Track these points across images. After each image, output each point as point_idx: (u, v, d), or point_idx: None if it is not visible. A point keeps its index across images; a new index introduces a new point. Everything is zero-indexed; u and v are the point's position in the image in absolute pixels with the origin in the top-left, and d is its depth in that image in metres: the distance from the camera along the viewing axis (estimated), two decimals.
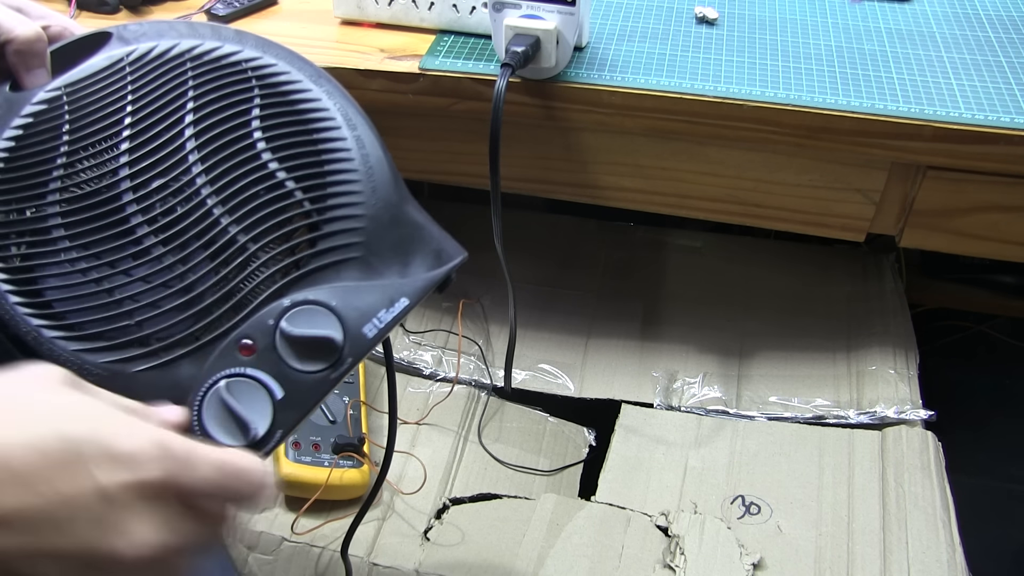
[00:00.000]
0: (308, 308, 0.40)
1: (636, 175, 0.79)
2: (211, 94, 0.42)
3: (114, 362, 0.38)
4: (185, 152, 0.41)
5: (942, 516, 0.73)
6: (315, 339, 0.39)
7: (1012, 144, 0.67)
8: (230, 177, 0.41)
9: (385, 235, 0.42)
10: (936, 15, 0.80)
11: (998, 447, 1.22)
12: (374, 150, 0.43)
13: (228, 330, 0.39)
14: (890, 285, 0.98)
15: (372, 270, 0.42)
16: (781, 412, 0.85)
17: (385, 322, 0.41)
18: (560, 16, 0.68)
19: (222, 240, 0.40)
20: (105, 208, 0.40)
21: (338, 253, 0.41)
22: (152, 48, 0.43)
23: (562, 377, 0.90)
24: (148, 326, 0.39)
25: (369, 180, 0.42)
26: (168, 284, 0.39)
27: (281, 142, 0.42)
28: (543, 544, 0.73)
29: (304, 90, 0.43)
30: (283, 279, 0.40)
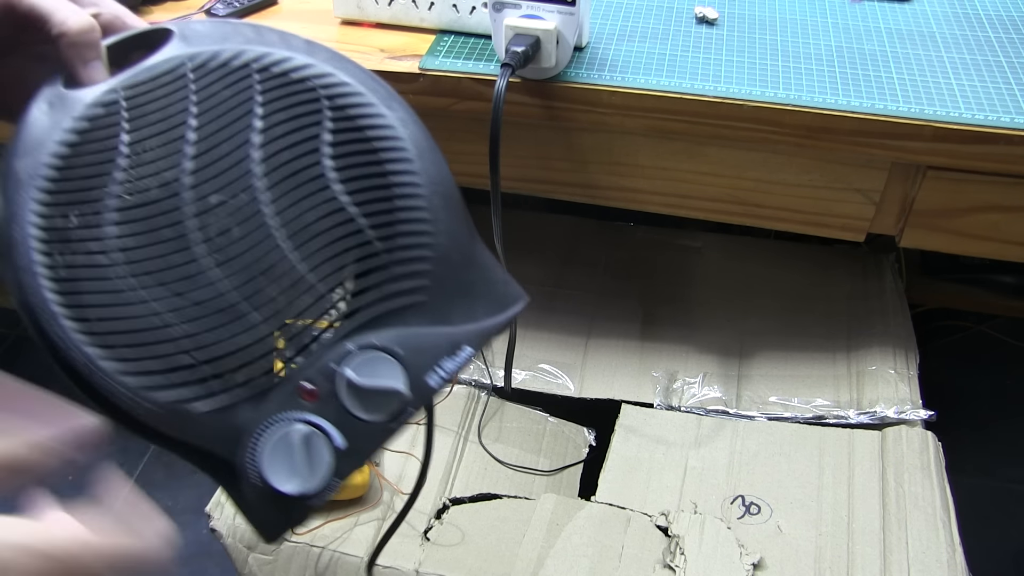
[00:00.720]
0: (373, 355, 0.38)
1: (636, 175, 0.79)
2: (279, 114, 0.39)
3: (175, 402, 0.36)
4: (252, 176, 0.38)
5: (942, 516, 0.73)
6: (381, 391, 0.38)
7: (1012, 144, 0.67)
8: (298, 207, 0.38)
9: (452, 278, 0.40)
10: (936, 15, 0.80)
11: (998, 447, 1.22)
12: (447, 187, 0.40)
13: (291, 374, 0.38)
14: (890, 285, 0.98)
15: (437, 314, 0.40)
16: (781, 412, 0.85)
17: (448, 371, 0.40)
18: (560, 16, 0.68)
19: (289, 279, 0.37)
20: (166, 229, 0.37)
21: (406, 297, 0.39)
22: (217, 54, 0.39)
23: (562, 377, 0.90)
24: (207, 366, 0.36)
25: (440, 220, 0.40)
26: (232, 323, 0.37)
27: (351, 173, 0.39)
28: (543, 544, 0.73)
29: (376, 115, 0.40)
30: (349, 323, 0.38)
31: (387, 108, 0.40)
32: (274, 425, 0.37)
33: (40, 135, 0.37)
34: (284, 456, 0.37)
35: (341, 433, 0.38)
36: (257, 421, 0.37)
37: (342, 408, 0.38)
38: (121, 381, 0.36)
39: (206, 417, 0.36)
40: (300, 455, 0.37)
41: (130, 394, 0.36)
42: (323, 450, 0.37)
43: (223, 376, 0.37)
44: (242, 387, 0.37)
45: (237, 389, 0.37)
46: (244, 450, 0.37)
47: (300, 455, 0.37)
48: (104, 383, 0.36)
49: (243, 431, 0.37)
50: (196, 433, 0.37)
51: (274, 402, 0.37)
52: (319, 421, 0.37)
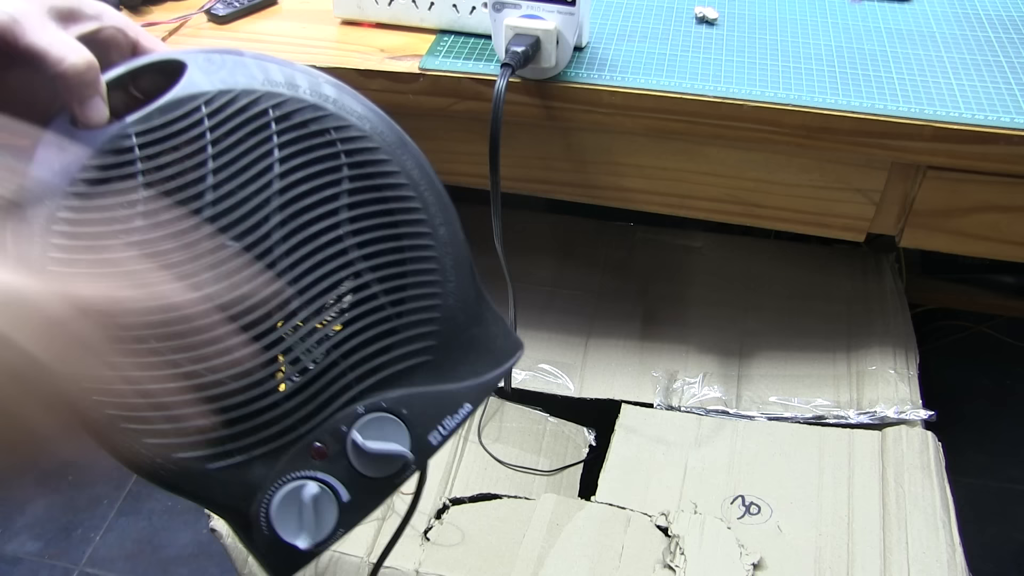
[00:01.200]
0: (380, 416, 0.40)
1: (636, 175, 0.79)
2: (299, 170, 0.38)
3: (189, 459, 0.37)
4: (271, 239, 0.37)
5: (942, 516, 0.73)
6: (387, 454, 0.40)
7: (1012, 144, 0.67)
8: (315, 275, 0.38)
9: (457, 337, 0.41)
10: (936, 15, 0.80)
11: (998, 447, 1.22)
12: (459, 247, 0.41)
13: (303, 434, 0.39)
14: (890, 285, 0.98)
15: (441, 373, 0.41)
16: (781, 412, 0.85)
17: (449, 429, 0.42)
18: (560, 16, 0.68)
19: (304, 345, 0.38)
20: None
21: (412, 358, 0.40)
22: (232, 97, 0.38)
23: (562, 377, 0.90)
24: (221, 428, 0.37)
25: (449, 281, 0.41)
26: (246, 388, 0.37)
27: (367, 236, 0.39)
28: (543, 544, 0.73)
29: (392, 172, 0.40)
30: (358, 386, 0.40)
31: (398, 162, 0.40)
32: (285, 481, 0.39)
33: (52, 181, 0.36)
34: (293, 511, 0.39)
35: (347, 489, 0.40)
36: (269, 477, 0.39)
37: (349, 466, 0.40)
38: (141, 443, 0.36)
39: (221, 474, 0.38)
40: (308, 510, 0.39)
41: (149, 454, 0.37)
42: (329, 504, 0.39)
43: (237, 436, 0.38)
44: (255, 446, 0.38)
45: (251, 448, 0.38)
46: (256, 503, 0.39)
47: (308, 510, 0.39)
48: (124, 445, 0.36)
49: (256, 486, 0.38)
50: (211, 488, 0.38)
51: (286, 460, 0.39)
52: (327, 478, 0.39)
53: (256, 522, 0.39)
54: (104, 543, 1.19)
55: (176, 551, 1.18)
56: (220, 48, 0.39)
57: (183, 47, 0.76)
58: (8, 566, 1.17)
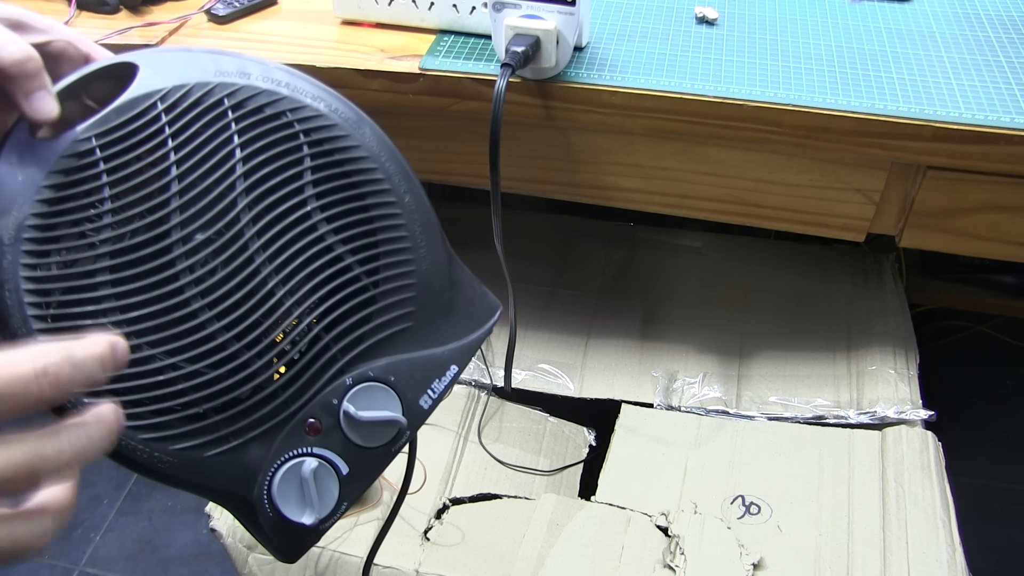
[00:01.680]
0: (370, 385, 0.41)
1: (636, 175, 0.79)
2: (260, 154, 0.39)
3: (185, 449, 0.38)
4: (241, 225, 0.38)
5: (942, 516, 0.73)
6: (379, 421, 0.40)
7: (1012, 144, 0.67)
8: (289, 253, 0.39)
9: (435, 301, 0.42)
10: (936, 15, 0.80)
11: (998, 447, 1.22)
12: (425, 213, 0.42)
13: (295, 412, 0.39)
14: (890, 285, 0.98)
15: (423, 338, 0.42)
16: (781, 412, 0.85)
17: (439, 392, 0.42)
18: (560, 16, 0.68)
19: (286, 323, 0.39)
20: (162, 290, 0.37)
21: (393, 325, 0.41)
22: (187, 91, 0.38)
23: (562, 377, 0.90)
24: (215, 413, 0.38)
25: (420, 247, 0.42)
26: (234, 371, 0.38)
27: (335, 210, 0.40)
28: (543, 544, 0.73)
29: (353, 146, 0.41)
30: (343, 357, 0.40)
31: (359, 136, 0.41)
32: (283, 461, 0.39)
33: (15, 192, 0.36)
34: (295, 489, 0.39)
35: (345, 462, 0.40)
36: (267, 458, 0.39)
37: (345, 439, 0.40)
38: (135, 438, 0.37)
39: (218, 460, 0.38)
40: (309, 486, 0.39)
41: (145, 448, 0.37)
42: (330, 479, 0.40)
43: (230, 420, 0.38)
44: (250, 428, 0.38)
45: (245, 431, 0.38)
46: (257, 486, 0.39)
47: (309, 486, 0.39)
48: (120, 443, 0.37)
49: (255, 469, 0.39)
50: (210, 475, 0.38)
51: (281, 439, 0.39)
52: (325, 453, 0.40)
53: (260, 505, 0.39)
54: (104, 543, 1.19)
55: (176, 551, 1.18)
56: (169, 47, 0.40)
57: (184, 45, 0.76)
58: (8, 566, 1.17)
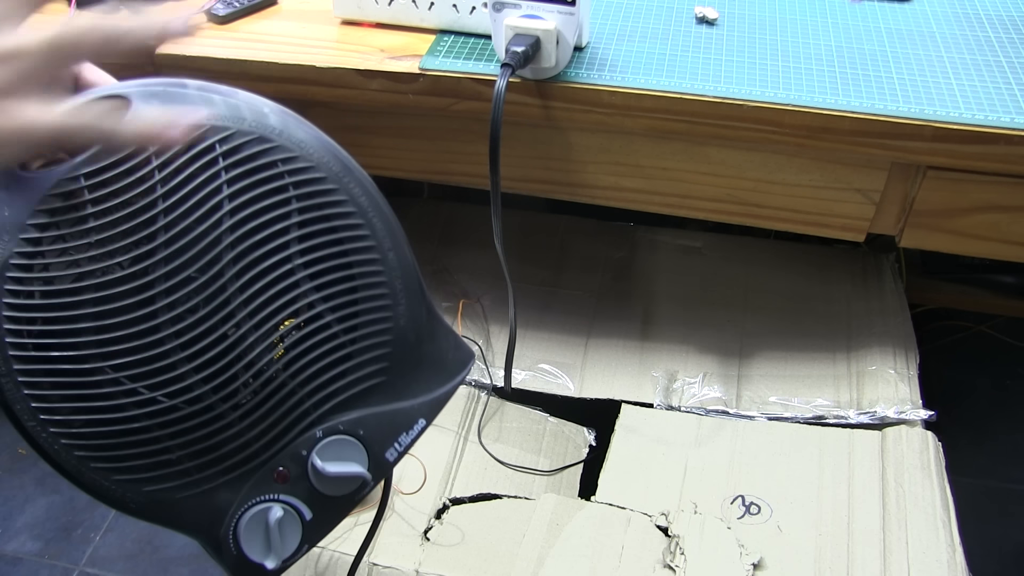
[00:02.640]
0: (338, 439, 0.42)
1: (636, 175, 0.79)
2: (249, 205, 0.38)
3: (157, 491, 0.39)
4: (224, 278, 0.38)
5: (942, 516, 0.73)
6: (345, 476, 0.42)
7: (1012, 144, 0.67)
8: (270, 308, 0.39)
9: (409, 357, 0.43)
10: (936, 15, 0.80)
11: (998, 447, 1.22)
12: (407, 269, 0.42)
13: (265, 460, 0.40)
14: (890, 285, 0.98)
15: (395, 391, 0.43)
16: (781, 412, 0.85)
17: (405, 445, 0.43)
18: (560, 16, 0.68)
19: (262, 377, 0.39)
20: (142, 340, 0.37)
21: (367, 380, 0.42)
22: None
23: (562, 377, 0.90)
24: (187, 460, 0.39)
25: (399, 304, 0.42)
26: (208, 422, 0.39)
27: (319, 267, 0.40)
28: (543, 544, 0.73)
29: (340, 200, 0.40)
30: (316, 411, 0.41)
31: (349, 191, 0.41)
32: (250, 506, 0.40)
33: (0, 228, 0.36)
34: (260, 532, 0.41)
35: (309, 508, 0.42)
36: (235, 502, 0.40)
37: (311, 487, 0.41)
38: (109, 479, 0.38)
39: (188, 502, 0.39)
40: (274, 531, 0.41)
41: (118, 489, 0.38)
42: (294, 523, 0.41)
43: (202, 467, 0.39)
44: (221, 475, 0.40)
45: (216, 477, 0.40)
46: (224, 527, 0.40)
47: (274, 531, 0.41)
48: (92, 481, 0.38)
49: (223, 511, 0.40)
50: (180, 516, 0.40)
51: (250, 485, 0.40)
52: (290, 500, 0.41)
53: (225, 544, 0.41)
54: (104, 543, 1.19)
55: (176, 551, 1.18)
56: (162, 80, 0.39)
57: (184, 46, 0.76)
58: (8, 566, 1.17)
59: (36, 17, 0.37)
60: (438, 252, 1.03)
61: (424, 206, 1.09)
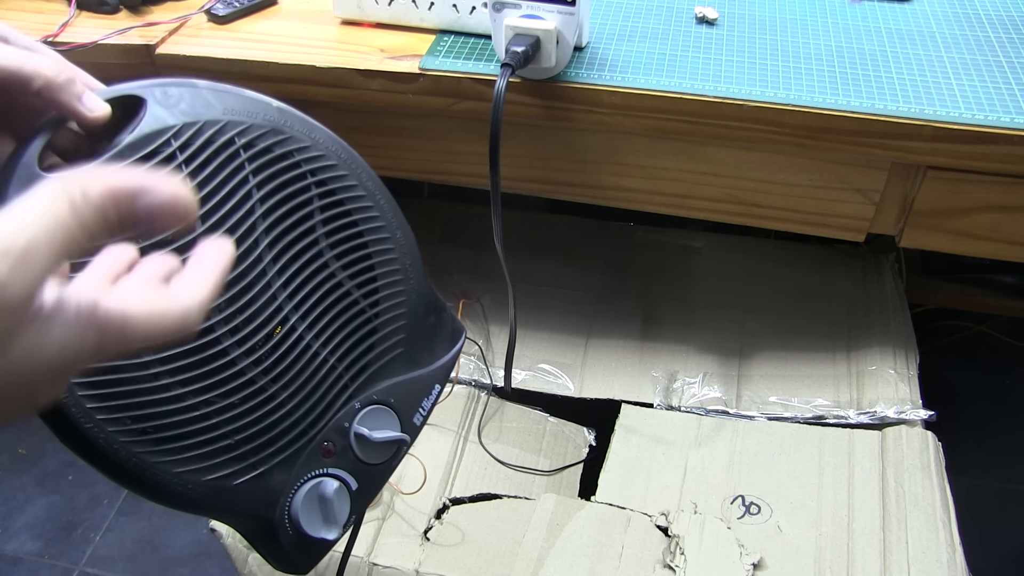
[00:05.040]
0: (374, 408, 0.45)
1: (636, 175, 0.79)
2: (275, 194, 0.40)
3: (216, 479, 0.40)
4: (263, 265, 0.40)
5: (942, 516, 0.73)
6: (388, 440, 0.44)
7: (1012, 144, 0.67)
8: (306, 290, 0.42)
9: (420, 327, 0.46)
10: (936, 15, 0.80)
11: (998, 447, 1.22)
12: (412, 246, 0.45)
13: (313, 437, 0.43)
14: (890, 285, 0.98)
15: (412, 361, 0.46)
16: (781, 412, 0.85)
17: (427, 409, 0.47)
18: (560, 16, 0.68)
19: (306, 356, 0.41)
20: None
21: (391, 351, 0.45)
22: (197, 128, 0.38)
23: (562, 377, 0.90)
24: (244, 444, 0.40)
25: (410, 278, 0.45)
26: (261, 404, 0.40)
27: (342, 248, 0.43)
28: (543, 544, 0.73)
29: (352, 185, 0.43)
30: (353, 384, 0.44)
31: (358, 177, 0.44)
32: (303, 482, 0.42)
33: None
34: (315, 507, 0.43)
35: (355, 478, 0.44)
36: (288, 481, 0.42)
37: (355, 458, 0.44)
38: (169, 472, 0.39)
39: (245, 487, 0.41)
40: (328, 504, 0.43)
41: (178, 481, 0.39)
42: (343, 495, 0.43)
43: (258, 449, 0.41)
44: (274, 455, 0.41)
45: (270, 458, 0.41)
46: (279, 508, 0.42)
47: (328, 504, 0.43)
48: (153, 479, 0.38)
49: (277, 492, 0.42)
50: (238, 502, 0.41)
51: (301, 463, 0.42)
52: (339, 472, 0.43)
53: (281, 525, 0.42)
54: (104, 543, 1.19)
55: (176, 551, 1.18)
56: (173, 79, 0.40)
57: (184, 46, 0.76)
58: (8, 566, 1.17)
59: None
60: (438, 252, 1.03)
61: (424, 206, 1.09)
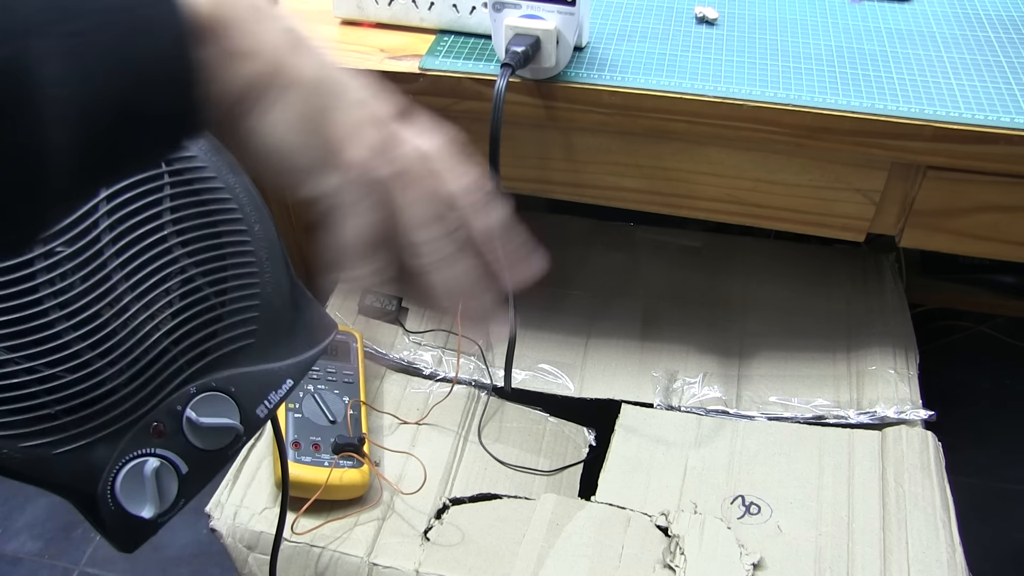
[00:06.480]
0: (211, 395, 0.44)
1: (636, 175, 0.79)
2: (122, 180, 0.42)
3: (34, 447, 0.40)
4: (101, 244, 0.41)
5: (942, 516, 0.73)
6: (218, 427, 0.44)
7: (1012, 144, 0.67)
8: (145, 272, 0.42)
9: (276, 322, 0.46)
10: (936, 15, 0.80)
11: (998, 447, 1.22)
12: (270, 240, 0.46)
13: (142, 415, 0.42)
14: (890, 285, 0.98)
15: (264, 353, 0.46)
16: (781, 412, 0.85)
17: (274, 403, 0.46)
18: (560, 16, 0.68)
19: (138, 336, 0.42)
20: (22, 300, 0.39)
21: (237, 341, 0.45)
22: None
23: (562, 377, 0.90)
24: (65, 415, 0.40)
25: (266, 272, 0.45)
26: (86, 377, 0.40)
27: (190, 235, 0.43)
28: (543, 544, 0.73)
29: (208, 178, 0.44)
30: (189, 368, 0.44)
31: (217, 168, 0.44)
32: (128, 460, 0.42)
33: None
34: (137, 485, 0.42)
35: (185, 462, 0.43)
36: (112, 457, 0.42)
37: (186, 441, 0.43)
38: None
39: (65, 458, 0.40)
40: (151, 483, 0.42)
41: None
42: (170, 477, 0.43)
43: (80, 421, 0.40)
44: (98, 430, 0.41)
45: (93, 432, 0.41)
46: (101, 483, 0.41)
47: (151, 483, 0.42)
48: None
49: (99, 466, 0.41)
50: (57, 473, 0.41)
51: (127, 440, 0.42)
52: (166, 453, 0.43)
53: (102, 500, 0.42)
54: (104, 543, 1.19)
55: (176, 551, 1.18)
56: None
57: None
58: (8, 566, 1.17)
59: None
60: None
61: None
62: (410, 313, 0.95)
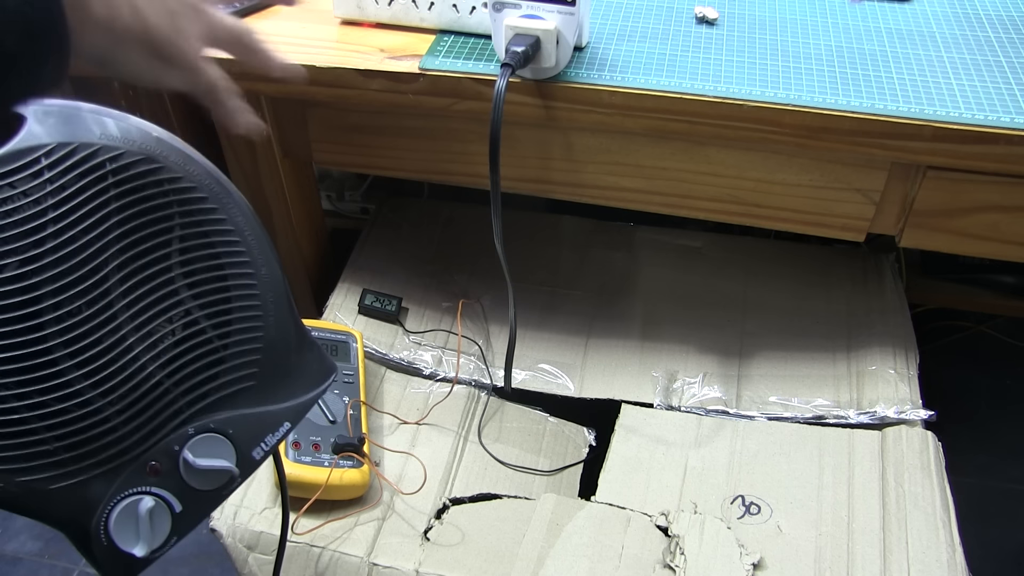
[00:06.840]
0: (208, 436, 0.45)
1: (636, 175, 0.79)
2: (135, 219, 0.42)
3: (31, 480, 0.40)
4: (109, 284, 0.41)
5: (942, 516, 0.73)
6: (214, 469, 0.44)
7: (1012, 144, 0.67)
8: (150, 313, 0.42)
9: (277, 364, 0.47)
10: (936, 15, 0.80)
11: (998, 447, 1.22)
12: (278, 284, 0.46)
13: (139, 454, 0.43)
14: (890, 285, 0.98)
15: (263, 396, 0.46)
16: (781, 412, 0.85)
17: (271, 445, 0.47)
18: (560, 16, 0.68)
19: (140, 376, 0.42)
20: (25, 337, 0.39)
21: (237, 384, 0.45)
22: (71, 149, 0.40)
23: (562, 377, 0.90)
24: (64, 451, 0.40)
25: (270, 316, 0.46)
26: (86, 415, 0.40)
27: (197, 278, 0.44)
28: (543, 544, 0.73)
29: (219, 220, 0.44)
30: (188, 410, 0.44)
31: (227, 209, 0.44)
32: (123, 497, 0.42)
33: None
34: (131, 522, 0.43)
35: (179, 500, 0.44)
36: (108, 493, 0.42)
37: (181, 481, 0.44)
38: None
39: (62, 492, 0.41)
40: (144, 521, 0.43)
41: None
42: (164, 515, 0.44)
43: (78, 458, 0.41)
44: (95, 467, 0.41)
45: (91, 468, 0.41)
46: (95, 518, 0.42)
47: (144, 521, 0.43)
48: None
49: (95, 502, 0.42)
50: (53, 506, 0.41)
51: (124, 478, 0.42)
52: (161, 492, 0.44)
53: (95, 535, 0.42)
54: None
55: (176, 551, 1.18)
56: (60, 101, 0.41)
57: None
58: (8, 566, 1.17)
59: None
60: (438, 252, 1.03)
61: (424, 206, 1.09)
62: (410, 313, 0.95)
